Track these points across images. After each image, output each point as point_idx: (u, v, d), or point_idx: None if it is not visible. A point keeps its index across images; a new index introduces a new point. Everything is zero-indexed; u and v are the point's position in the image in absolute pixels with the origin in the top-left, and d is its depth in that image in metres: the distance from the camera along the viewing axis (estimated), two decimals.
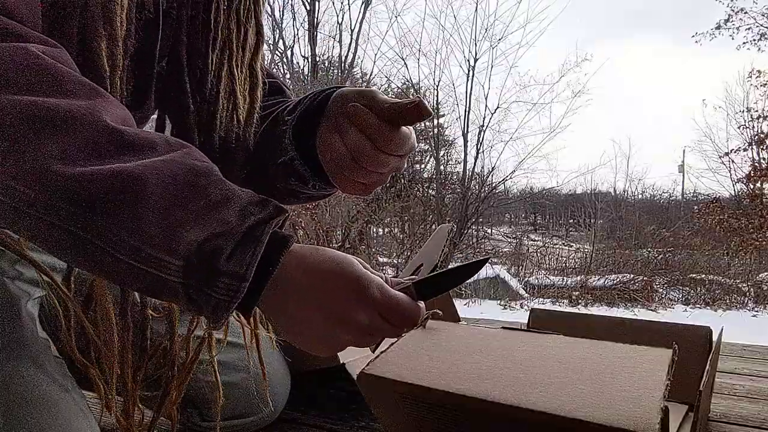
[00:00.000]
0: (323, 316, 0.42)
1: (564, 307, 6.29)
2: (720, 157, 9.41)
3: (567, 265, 8.27)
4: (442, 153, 9.10)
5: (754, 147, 8.89)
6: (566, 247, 9.56)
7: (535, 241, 10.36)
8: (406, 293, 0.45)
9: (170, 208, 0.38)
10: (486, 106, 8.10)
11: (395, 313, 0.44)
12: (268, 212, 0.41)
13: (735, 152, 9.15)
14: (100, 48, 0.47)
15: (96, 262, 0.39)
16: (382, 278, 0.45)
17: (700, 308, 6.28)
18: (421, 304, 0.45)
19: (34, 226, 0.38)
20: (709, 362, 0.71)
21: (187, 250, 0.38)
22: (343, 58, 9.55)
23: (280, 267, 0.41)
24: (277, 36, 9.50)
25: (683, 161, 11.02)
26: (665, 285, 7.31)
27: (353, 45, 9.45)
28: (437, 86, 8.60)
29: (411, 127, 0.56)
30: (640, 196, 11.08)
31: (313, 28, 9.51)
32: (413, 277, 0.51)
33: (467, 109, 8.19)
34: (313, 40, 9.53)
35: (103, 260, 0.38)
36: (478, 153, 8.11)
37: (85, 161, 0.37)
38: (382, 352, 0.65)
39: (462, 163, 8.48)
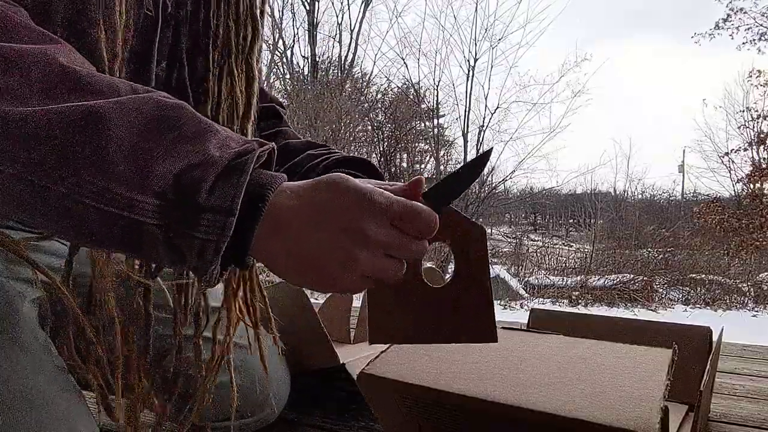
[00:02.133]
0: (330, 236, 0.37)
1: (564, 307, 6.29)
2: (720, 157, 9.43)
3: (567, 265, 8.27)
4: (442, 153, 9.10)
5: (754, 147, 8.89)
6: (566, 247, 9.56)
7: (535, 241, 10.36)
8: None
9: (139, 142, 0.34)
10: (486, 106, 8.11)
11: (406, 215, 0.39)
12: (250, 144, 0.37)
13: (735, 152, 9.16)
14: (99, 36, 0.45)
15: (63, 215, 0.34)
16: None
17: (700, 308, 6.28)
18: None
19: None
20: (709, 362, 0.71)
21: (161, 184, 0.34)
22: (343, 58, 9.56)
23: (271, 202, 0.37)
24: (277, 36, 9.50)
25: (683, 161, 11.04)
26: (665, 285, 7.31)
27: (353, 45, 9.46)
28: (437, 86, 8.60)
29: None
30: (640, 196, 11.09)
31: (312, 28, 9.51)
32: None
33: (467, 109, 8.21)
34: (312, 40, 9.53)
35: (71, 211, 0.34)
36: (478, 153, 8.11)
37: (38, 101, 0.33)
38: (382, 352, 0.65)
39: (462, 163, 8.49)
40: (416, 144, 9.77)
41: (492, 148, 0.48)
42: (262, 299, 0.66)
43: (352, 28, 9.47)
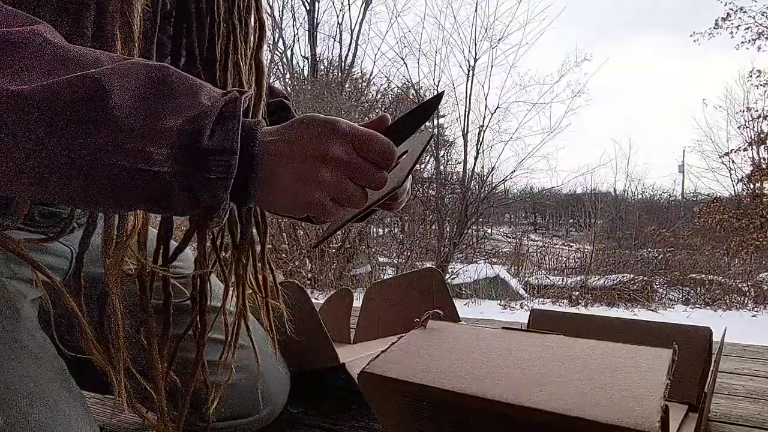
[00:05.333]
0: (300, 162, 0.43)
1: (564, 307, 6.28)
2: (720, 157, 9.41)
3: (567, 265, 8.26)
4: (442, 153, 9.09)
5: (755, 147, 8.88)
6: (566, 247, 9.56)
7: (535, 241, 10.35)
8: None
9: (139, 102, 0.38)
10: (486, 106, 8.09)
11: (369, 144, 0.45)
12: (233, 93, 0.42)
13: (735, 152, 9.15)
14: (115, 49, 0.47)
15: (84, 180, 0.37)
16: None
17: (700, 308, 6.27)
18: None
19: (7, 158, 0.35)
20: (713, 363, 0.71)
21: (169, 136, 0.38)
22: (343, 58, 9.55)
23: (260, 140, 0.42)
24: (277, 36, 9.49)
25: (683, 161, 11.02)
26: (665, 285, 7.30)
27: (353, 45, 9.44)
28: (437, 86, 8.58)
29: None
30: (640, 196, 11.06)
31: (313, 28, 9.51)
32: None
33: (467, 109, 8.18)
34: (313, 40, 9.52)
35: (90, 173, 0.37)
36: (478, 153, 8.10)
37: (38, 77, 0.36)
38: (382, 352, 0.65)
39: (462, 163, 8.47)
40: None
41: (443, 92, 0.54)
42: (271, 273, 0.67)
43: (352, 28, 9.46)
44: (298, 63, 9.78)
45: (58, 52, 0.38)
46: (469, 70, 8.16)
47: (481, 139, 8.11)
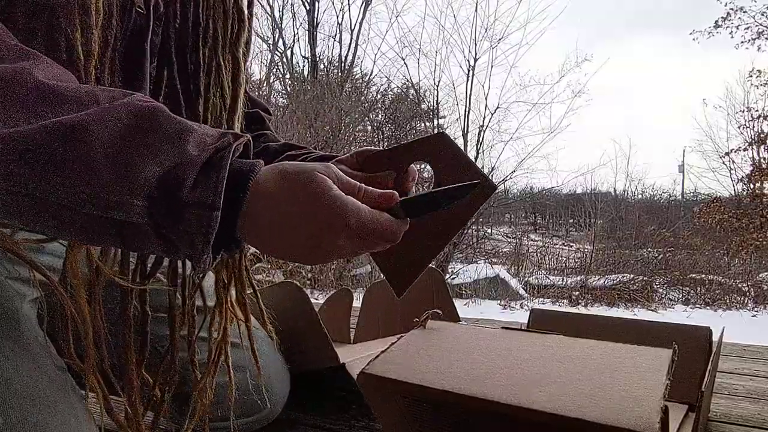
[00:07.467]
0: (304, 238, 0.41)
1: (564, 307, 6.28)
2: (720, 156, 9.41)
3: (567, 265, 8.26)
4: None
5: (755, 147, 8.88)
6: (566, 247, 9.55)
7: (535, 241, 10.35)
8: (392, 211, 0.44)
9: (120, 149, 0.36)
10: (486, 106, 8.09)
11: (373, 236, 0.42)
12: (226, 139, 0.40)
13: (735, 152, 9.15)
14: (74, 37, 0.47)
15: (60, 222, 0.37)
16: (357, 189, 0.43)
17: (700, 308, 6.27)
18: (407, 221, 0.44)
19: None
20: (710, 362, 0.71)
21: (146, 187, 0.36)
22: (343, 58, 9.55)
23: (251, 193, 0.40)
24: (277, 36, 9.49)
25: (683, 161, 11.02)
26: (665, 285, 7.30)
27: (353, 45, 9.44)
28: (437, 86, 8.59)
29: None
30: (640, 196, 11.06)
31: (313, 28, 9.51)
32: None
33: (467, 109, 8.18)
34: (313, 40, 9.52)
35: (66, 218, 0.36)
36: (478, 153, 8.09)
37: (22, 120, 0.36)
38: (382, 352, 0.65)
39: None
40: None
41: (478, 182, 0.48)
42: (253, 294, 0.66)
43: (352, 28, 9.46)
44: (298, 63, 9.78)
45: (48, 92, 0.37)
46: (469, 70, 8.16)
47: (481, 139, 8.11)
